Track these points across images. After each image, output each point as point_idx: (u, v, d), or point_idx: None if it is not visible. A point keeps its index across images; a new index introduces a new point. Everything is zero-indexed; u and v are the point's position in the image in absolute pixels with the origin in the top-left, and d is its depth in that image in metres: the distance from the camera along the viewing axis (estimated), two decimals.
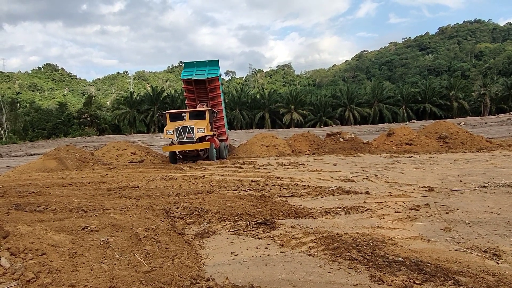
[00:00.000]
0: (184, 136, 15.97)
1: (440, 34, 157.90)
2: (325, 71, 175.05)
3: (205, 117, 17.16)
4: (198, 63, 19.20)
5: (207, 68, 18.83)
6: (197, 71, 18.66)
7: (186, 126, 16.00)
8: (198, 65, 19.11)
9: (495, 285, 2.97)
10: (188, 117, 17.03)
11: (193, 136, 15.98)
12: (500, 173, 8.91)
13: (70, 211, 6.01)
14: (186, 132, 16.00)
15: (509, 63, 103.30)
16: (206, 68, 18.76)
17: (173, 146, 16.21)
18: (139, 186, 8.91)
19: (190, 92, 19.35)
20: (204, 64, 19.11)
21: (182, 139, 15.99)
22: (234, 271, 3.47)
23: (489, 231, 4.47)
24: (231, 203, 6.38)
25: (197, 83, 18.71)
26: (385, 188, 7.75)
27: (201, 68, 18.85)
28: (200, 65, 19.12)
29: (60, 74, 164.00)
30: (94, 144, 36.68)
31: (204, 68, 18.86)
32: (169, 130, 16.22)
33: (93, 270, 3.40)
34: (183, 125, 16.04)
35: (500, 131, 27.69)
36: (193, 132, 16.03)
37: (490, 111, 76.87)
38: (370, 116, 77.50)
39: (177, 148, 16.16)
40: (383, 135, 19.26)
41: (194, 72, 18.68)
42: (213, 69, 18.90)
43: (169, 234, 4.58)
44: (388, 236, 4.40)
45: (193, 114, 17.28)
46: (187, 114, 17.19)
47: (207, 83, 18.79)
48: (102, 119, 78.29)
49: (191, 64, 19.27)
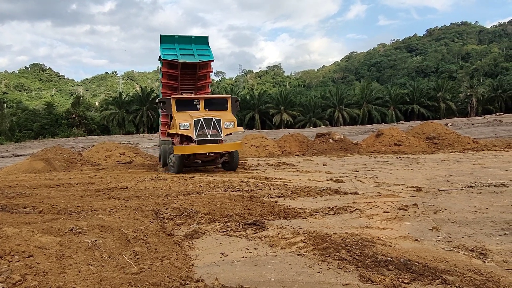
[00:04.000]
0: (208, 132, 11.65)
1: (428, 36, 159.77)
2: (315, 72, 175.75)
3: (226, 107, 12.76)
4: (180, 39, 14.64)
5: (194, 47, 14.67)
6: (182, 50, 14.40)
7: (211, 118, 11.69)
8: (180, 41, 14.56)
9: (482, 283, 3.01)
10: (202, 106, 12.47)
11: (220, 132, 11.77)
12: (486, 173, 9.04)
13: (58, 213, 5.93)
14: (211, 126, 11.70)
15: (495, 65, 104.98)
16: (193, 47, 14.61)
17: (192, 147, 11.59)
18: (128, 187, 8.85)
19: (172, 78, 14.66)
20: (188, 41, 14.70)
21: (205, 136, 11.61)
22: (224, 272, 3.47)
23: (476, 231, 4.53)
24: (221, 203, 6.37)
25: (185, 67, 14.22)
26: (374, 188, 7.81)
27: (185, 46, 14.56)
28: (184, 41, 14.63)
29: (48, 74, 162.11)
30: (82, 145, 36.31)
31: (190, 46, 14.63)
32: (184, 123, 11.54)
33: (81, 272, 3.37)
34: (206, 117, 11.68)
35: (487, 131, 28.10)
36: (220, 127, 11.81)
37: (477, 112, 78.06)
38: (359, 117, 78.13)
39: (199, 150, 11.59)
40: (372, 136, 19.41)
41: (177, 51, 14.32)
42: (204, 49, 14.74)
43: (158, 235, 4.56)
44: (377, 236, 4.43)
45: (209, 102, 12.79)
46: (202, 101, 12.57)
47: (199, 68, 14.55)
48: (91, 120, 77.58)
49: (170, 39, 14.46)
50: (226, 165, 12.70)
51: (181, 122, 11.53)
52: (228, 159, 12.41)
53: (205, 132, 11.59)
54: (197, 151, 11.58)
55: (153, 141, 40.45)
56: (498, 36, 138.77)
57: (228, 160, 12.43)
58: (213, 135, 11.63)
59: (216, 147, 11.66)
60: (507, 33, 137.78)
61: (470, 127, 35.14)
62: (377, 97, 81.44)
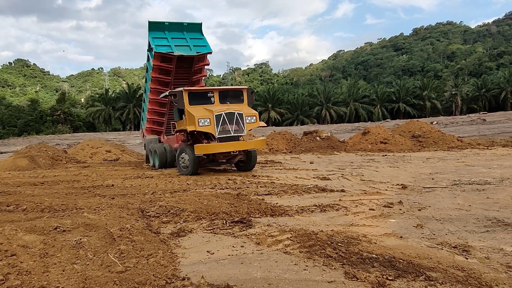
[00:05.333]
0: (231, 128, 10.37)
1: (414, 35, 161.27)
2: (303, 70, 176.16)
3: (242, 100, 11.42)
4: (171, 26, 13.06)
5: (187, 35, 13.13)
6: (175, 40, 12.88)
7: (233, 112, 10.42)
8: (171, 29, 13.05)
9: (464, 280, 3.07)
10: (217, 99, 11.05)
11: (243, 128, 10.54)
12: (470, 171, 9.19)
13: (42, 211, 5.86)
14: (234, 121, 10.41)
15: (479, 64, 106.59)
16: (186, 37, 13.07)
17: (214, 145, 10.18)
18: (114, 185, 8.78)
19: (164, 72, 13.22)
20: (180, 28, 13.17)
21: (228, 132, 10.33)
22: (210, 270, 3.47)
23: (459, 228, 4.61)
24: (208, 201, 6.36)
25: (180, 60, 12.82)
26: (360, 186, 7.88)
27: (177, 35, 13.03)
28: (175, 28, 13.10)
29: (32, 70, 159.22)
30: (67, 142, 35.85)
31: (182, 35, 13.12)
32: (203, 119, 10.08)
33: (65, 271, 3.33)
34: (228, 111, 10.36)
35: (471, 130, 28.55)
36: (243, 122, 10.55)
37: (461, 111, 79.30)
38: (346, 115, 78.69)
39: (223, 148, 10.27)
40: (359, 134, 19.55)
41: (170, 41, 12.79)
42: (198, 39, 13.26)
43: (144, 234, 4.53)
44: (362, 233, 4.47)
45: (224, 94, 11.31)
46: (216, 93, 11.13)
47: (195, 61, 13.19)
48: (76, 117, 76.54)
49: (159, 26, 12.88)
50: (240, 165, 11.47)
51: (200, 117, 10.04)
52: (243, 158, 11.19)
53: (227, 128, 10.28)
54: (220, 149, 10.26)
55: (139, 139, 40.16)
56: (483, 36, 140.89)
57: (244, 159, 11.23)
58: (236, 131, 10.41)
59: (240, 145, 10.51)
60: (491, 33, 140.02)
61: (454, 126, 35.68)
62: (364, 96, 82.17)
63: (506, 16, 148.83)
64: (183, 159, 10.88)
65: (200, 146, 10.16)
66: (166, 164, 12.73)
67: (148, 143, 14.51)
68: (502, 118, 40.49)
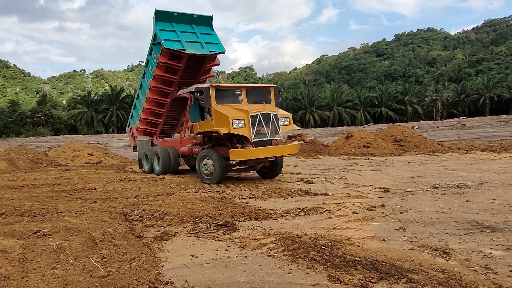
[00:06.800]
0: (267, 130, 9.11)
1: (396, 41, 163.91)
2: (287, 74, 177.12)
3: (269, 100, 10.22)
4: (180, 17, 11.51)
5: (197, 30, 11.70)
6: (184, 35, 11.41)
7: (269, 113, 9.20)
8: (179, 20, 11.52)
9: (445, 281, 3.12)
10: (245, 97, 9.79)
11: (279, 131, 9.36)
12: (450, 175, 9.37)
13: (21, 215, 5.73)
14: (270, 123, 9.20)
15: (459, 70, 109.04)
16: (196, 31, 11.66)
17: (252, 151, 8.88)
18: (96, 188, 8.64)
19: (172, 71, 11.77)
20: (188, 20, 11.68)
21: (264, 136, 9.07)
22: (194, 274, 3.44)
23: (440, 230, 4.69)
24: (192, 205, 6.32)
25: (191, 59, 11.50)
26: (343, 189, 7.95)
27: (186, 28, 11.57)
28: (183, 20, 11.59)
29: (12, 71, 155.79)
30: (48, 144, 35.18)
31: (191, 28, 11.65)
32: (238, 120, 8.78)
33: (45, 276, 3.27)
34: (263, 111, 9.11)
35: (451, 134, 29.13)
36: (278, 124, 9.38)
37: (442, 116, 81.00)
38: (330, 119, 79.43)
39: (261, 153, 8.95)
40: (342, 138, 19.73)
41: (179, 35, 11.31)
42: (208, 34, 11.92)
43: (126, 238, 4.48)
44: (346, 236, 4.51)
45: (252, 92, 10.05)
46: (244, 91, 9.83)
47: (207, 60, 11.97)
48: (58, 119, 75.26)
49: (167, 16, 11.36)
50: (264, 171, 10.41)
51: (234, 118, 8.74)
52: (268, 164, 10.13)
53: (263, 131, 9.03)
54: (259, 155, 8.95)
55: (123, 141, 39.69)
56: (462, 43, 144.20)
57: (268, 166, 10.19)
58: (271, 134, 9.23)
59: (279, 150, 9.30)
60: (470, 40, 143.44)
61: (435, 130, 36.34)
62: (347, 100, 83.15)
63: (485, 23, 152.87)
64: (206, 166, 9.45)
65: (237, 151, 8.85)
66: (169, 170, 11.50)
67: (140, 145, 13.38)
68: (481, 123, 41.47)
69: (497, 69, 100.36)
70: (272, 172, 10.28)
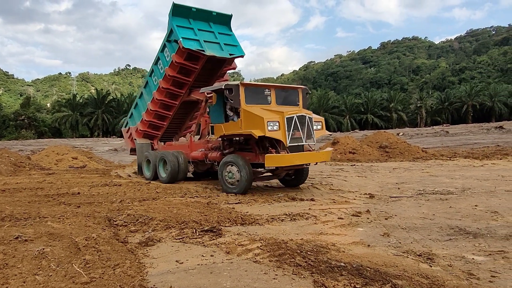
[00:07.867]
0: (302, 135, 8.29)
1: (381, 49, 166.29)
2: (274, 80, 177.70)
3: (297, 102, 9.48)
4: (198, 14, 10.81)
5: (215, 29, 11.07)
6: (202, 34, 10.70)
7: (304, 115, 8.39)
8: (196, 17, 10.82)
9: (428, 287, 3.15)
10: (274, 98, 8.96)
11: (313, 136, 8.57)
12: (434, 181, 9.50)
13: (2, 220, 5.61)
14: (305, 127, 8.37)
15: (443, 78, 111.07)
16: (214, 30, 11.03)
17: (288, 157, 8.04)
18: (80, 193, 8.52)
19: (186, 73, 10.93)
20: (206, 18, 11.01)
21: (299, 140, 8.26)
22: (179, 280, 3.41)
23: (424, 236, 4.75)
24: (177, 210, 6.28)
25: (209, 61, 10.81)
26: (329, 195, 7.99)
27: (204, 27, 10.87)
28: (201, 17, 10.91)
29: None
30: (31, 148, 34.55)
31: (209, 27, 11.00)
32: (273, 122, 7.88)
33: (26, 283, 3.20)
34: (299, 114, 8.30)
35: (434, 141, 29.56)
36: (312, 128, 8.60)
37: (426, 123, 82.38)
38: None
39: (297, 160, 8.15)
40: (328, 144, 19.85)
41: (197, 33, 10.57)
42: (227, 35, 11.31)
43: (111, 243, 4.42)
44: (331, 242, 4.53)
45: (281, 92, 9.24)
46: (273, 92, 9.00)
47: (224, 64, 11.37)
48: (41, 122, 74.17)
49: (185, 11, 10.60)
50: (287, 179, 9.63)
51: (269, 120, 7.85)
52: (292, 172, 9.34)
53: (297, 135, 8.18)
54: (295, 161, 8.13)
55: (108, 145, 39.25)
56: (446, 51, 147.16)
57: (293, 173, 9.42)
58: (309, 138, 8.48)
59: (316, 156, 8.61)
60: (453, 49, 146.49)
61: (419, 137, 36.84)
62: (334, 106, 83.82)
63: (467, 33, 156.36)
64: (231, 173, 8.47)
65: (273, 157, 7.96)
66: (177, 177, 10.48)
67: (140, 148, 12.37)
68: (463, 131, 42.21)
69: (479, 78, 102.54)
70: (297, 180, 9.49)
